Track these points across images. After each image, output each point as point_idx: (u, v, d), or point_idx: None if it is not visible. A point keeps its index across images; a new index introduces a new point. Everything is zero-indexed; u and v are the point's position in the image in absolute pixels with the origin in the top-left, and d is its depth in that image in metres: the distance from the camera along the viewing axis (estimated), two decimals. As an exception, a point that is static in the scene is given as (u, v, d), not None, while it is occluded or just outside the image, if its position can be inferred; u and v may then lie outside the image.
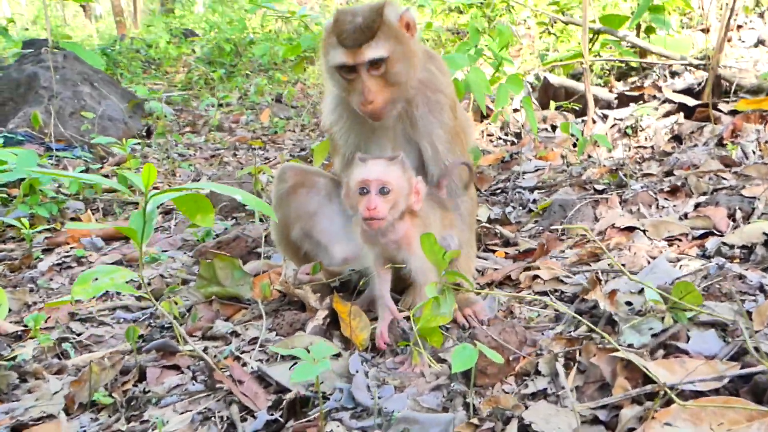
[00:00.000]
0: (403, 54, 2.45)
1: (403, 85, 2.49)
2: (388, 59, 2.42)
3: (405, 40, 2.46)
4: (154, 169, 1.80)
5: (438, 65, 2.68)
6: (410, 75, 2.49)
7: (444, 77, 2.66)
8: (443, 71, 2.68)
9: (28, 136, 5.85)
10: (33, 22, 31.59)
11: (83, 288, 1.74)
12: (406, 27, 2.48)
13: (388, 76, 2.45)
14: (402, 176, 2.20)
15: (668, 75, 5.58)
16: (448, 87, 2.65)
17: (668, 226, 2.76)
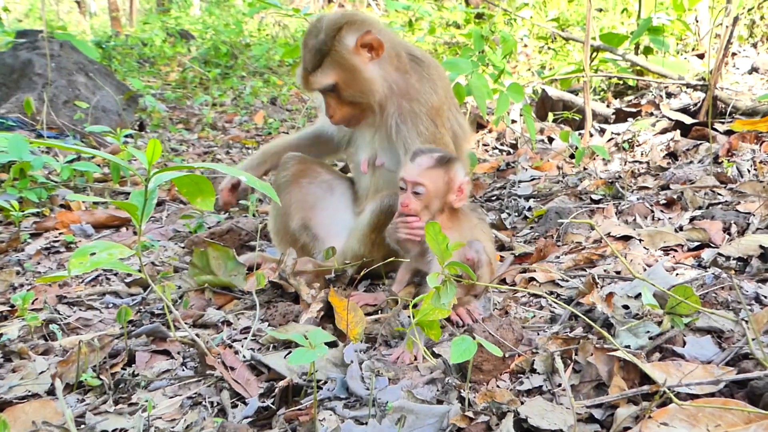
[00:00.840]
0: (354, 78, 2.54)
1: (361, 102, 2.59)
2: (337, 85, 2.54)
3: (359, 64, 2.53)
4: (159, 144, 1.78)
5: (423, 72, 2.67)
6: (370, 93, 2.57)
7: (424, 85, 2.65)
8: (427, 78, 2.66)
9: (19, 122, 5.78)
10: (26, 15, 31.43)
11: (80, 261, 1.71)
12: (368, 48, 2.55)
13: (342, 97, 2.57)
14: (441, 178, 2.30)
15: (664, 95, 5.63)
16: (427, 95, 2.64)
17: (664, 237, 2.77)
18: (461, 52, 4.19)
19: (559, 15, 11.65)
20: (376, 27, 2.64)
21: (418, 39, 8.52)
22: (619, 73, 5.89)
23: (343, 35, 2.54)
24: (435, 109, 2.65)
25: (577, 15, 12.40)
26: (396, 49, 2.67)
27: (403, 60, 2.66)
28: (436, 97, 2.66)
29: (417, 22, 12.68)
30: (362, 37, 2.53)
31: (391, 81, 2.64)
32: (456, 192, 2.35)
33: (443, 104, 2.69)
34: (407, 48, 2.74)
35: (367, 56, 2.57)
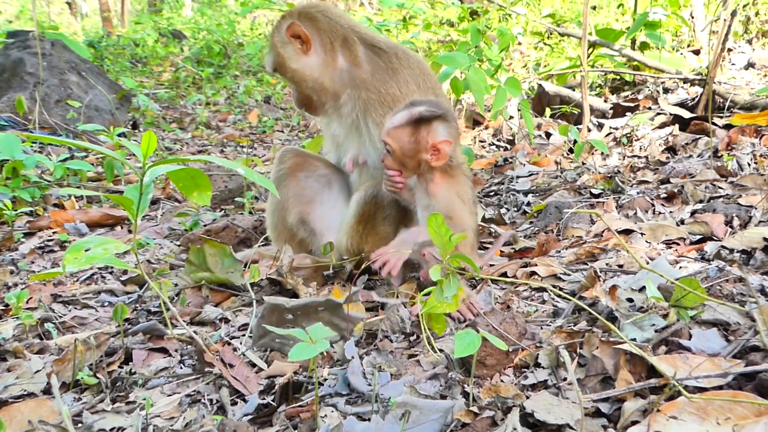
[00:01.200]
0: (283, 67, 2.71)
1: (300, 90, 2.75)
2: (279, 68, 2.74)
3: (285, 54, 2.68)
4: (155, 137, 1.75)
5: (380, 62, 2.67)
6: (301, 82, 2.72)
7: (379, 74, 2.64)
8: (385, 68, 2.65)
9: (11, 122, 5.73)
10: (17, 17, 31.29)
11: (75, 257, 1.67)
12: (296, 37, 2.66)
13: (287, 80, 2.78)
14: (407, 137, 2.29)
15: (661, 90, 5.61)
16: (381, 84, 2.64)
17: (666, 230, 2.74)
18: (458, 46, 4.16)
19: (554, 11, 11.64)
20: (321, 17, 2.69)
21: (413, 35, 8.46)
22: (616, 69, 5.87)
23: (280, 24, 2.72)
24: (393, 97, 2.62)
25: (571, 12, 12.40)
26: (347, 40, 2.69)
27: (354, 51, 2.68)
28: (395, 86, 2.63)
29: (411, 20, 12.65)
30: (289, 28, 2.65)
31: (336, 73, 2.69)
32: (430, 151, 2.30)
33: (408, 93, 2.64)
34: (369, 39, 2.72)
35: (297, 47, 2.67)
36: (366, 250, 2.66)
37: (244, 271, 2.79)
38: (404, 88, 2.63)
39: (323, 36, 2.67)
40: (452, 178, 2.39)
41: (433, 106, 2.35)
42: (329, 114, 2.81)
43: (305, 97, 2.78)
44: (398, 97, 2.61)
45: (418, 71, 2.69)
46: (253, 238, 3.43)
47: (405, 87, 2.63)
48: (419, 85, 2.66)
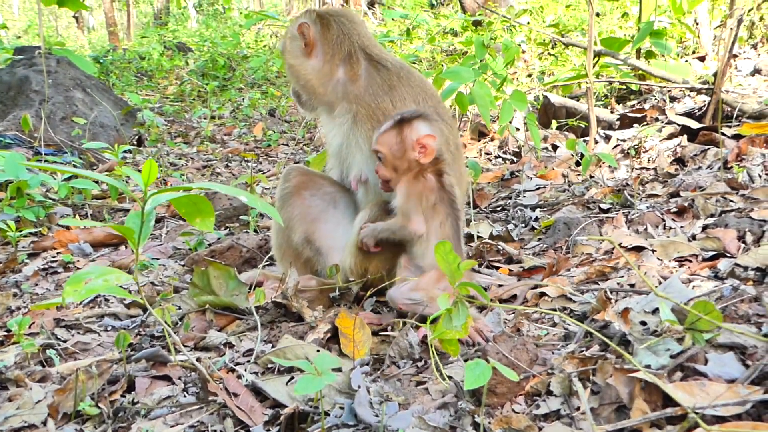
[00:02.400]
0: (289, 58, 2.79)
1: (297, 83, 2.84)
2: (283, 55, 2.85)
3: (290, 48, 2.78)
4: (155, 165, 1.71)
5: (379, 77, 2.67)
6: (294, 78, 2.82)
7: (373, 89, 2.64)
8: (380, 83, 2.65)
9: (17, 140, 5.72)
10: (25, 31, 31.48)
11: (75, 289, 1.64)
12: (303, 36, 2.72)
13: (286, 69, 2.87)
14: (393, 139, 2.38)
15: (668, 99, 5.56)
16: (376, 99, 2.63)
17: (677, 247, 2.69)
18: (462, 60, 4.13)
19: (557, 20, 11.61)
20: (335, 27, 2.72)
21: (417, 48, 8.43)
22: (622, 78, 5.82)
23: (299, 17, 2.80)
24: (383, 112, 2.61)
25: (574, 20, 12.37)
26: (351, 56, 2.69)
27: (354, 68, 2.69)
28: (387, 101, 2.62)
29: (414, 31, 12.65)
30: (300, 26, 2.71)
31: (332, 84, 2.72)
32: (417, 149, 2.37)
33: (402, 109, 2.61)
34: (375, 57, 2.71)
35: (302, 45, 2.73)
36: (371, 271, 2.62)
37: (248, 294, 2.75)
38: (399, 103, 2.61)
39: (328, 46, 2.71)
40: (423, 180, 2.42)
41: (412, 111, 2.45)
42: (325, 123, 2.87)
43: (295, 90, 2.92)
44: (390, 111, 2.59)
45: (419, 89, 2.66)
46: (258, 258, 3.39)
47: (400, 102, 2.61)
48: (418, 102, 2.64)
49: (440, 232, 2.39)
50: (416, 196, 2.41)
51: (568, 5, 13.32)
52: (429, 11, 18.17)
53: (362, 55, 2.68)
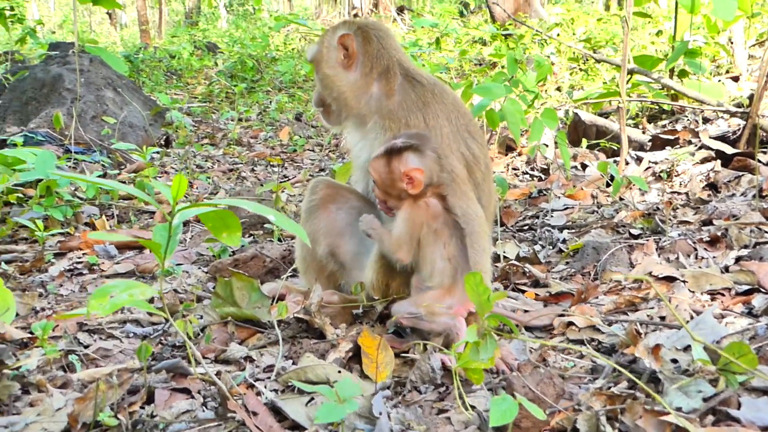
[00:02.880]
0: (320, 66, 2.74)
1: (329, 95, 2.75)
2: (315, 64, 2.76)
3: (327, 57, 2.71)
4: (185, 181, 1.70)
5: (414, 94, 2.63)
6: (328, 89, 2.74)
7: (408, 106, 2.60)
8: (415, 100, 2.61)
9: (48, 137, 5.78)
10: (60, 26, 31.97)
11: (100, 303, 1.63)
12: (344, 49, 2.66)
13: (317, 78, 2.80)
14: (383, 167, 2.39)
15: (701, 120, 5.47)
16: (410, 117, 2.58)
17: (710, 279, 2.63)
18: (493, 75, 4.09)
19: (588, 34, 11.51)
20: (375, 41, 2.68)
21: (448, 60, 8.39)
22: (654, 98, 5.74)
23: (338, 27, 2.75)
24: (417, 128, 2.57)
25: (605, 33, 12.27)
26: (389, 71, 2.66)
27: (391, 83, 2.65)
28: (421, 118, 2.59)
29: (443, 39, 12.63)
30: (342, 37, 2.65)
31: (366, 97, 2.67)
32: (404, 180, 2.36)
33: (436, 127, 2.59)
34: (411, 73, 2.69)
35: (341, 57, 2.67)
36: (393, 288, 2.59)
37: (271, 307, 2.73)
38: (432, 120, 2.57)
39: (368, 59, 2.66)
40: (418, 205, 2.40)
41: (411, 138, 2.41)
42: (352, 135, 2.83)
43: (325, 101, 2.82)
44: (422, 128, 2.55)
45: (452, 107, 2.63)
46: (281, 269, 3.37)
47: (433, 120, 2.57)
48: (450, 120, 2.60)
49: (445, 252, 2.36)
50: (417, 225, 2.38)
51: (599, 18, 13.22)
52: (458, 19, 18.16)
53: (399, 70, 2.65)
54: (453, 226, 2.38)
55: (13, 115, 6.55)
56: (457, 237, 2.38)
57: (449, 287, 2.35)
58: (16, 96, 6.71)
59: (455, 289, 2.34)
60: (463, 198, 2.48)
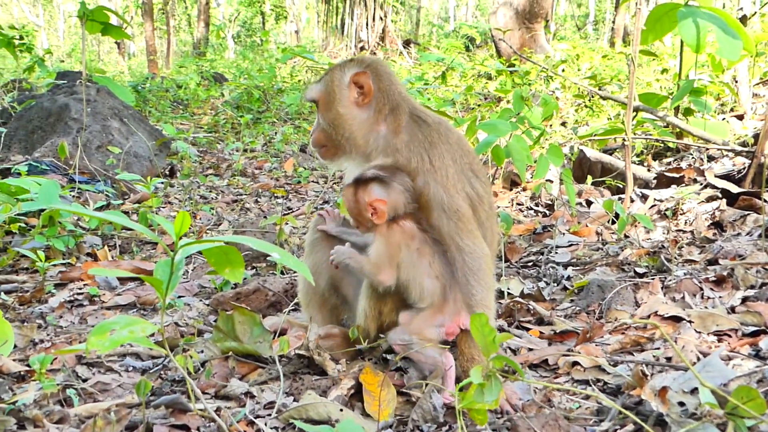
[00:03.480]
0: (330, 105, 2.64)
1: (333, 135, 2.66)
2: (318, 104, 2.68)
3: (340, 96, 2.63)
4: (189, 216, 1.69)
5: (420, 134, 2.59)
6: (340, 128, 2.64)
7: (414, 146, 2.56)
8: (421, 140, 2.57)
9: (52, 166, 5.80)
10: (68, 55, 32.37)
11: (100, 340, 1.61)
12: (359, 87, 2.61)
13: (322, 120, 2.69)
14: (351, 197, 2.50)
15: (705, 159, 5.47)
16: (414, 157, 2.55)
17: (716, 320, 2.60)
18: (499, 112, 4.10)
19: (593, 71, 11.59)
20: (385, 79, 2.65)
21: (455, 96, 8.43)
22: (659, 136, 5.75)
23: (347, 65, 2.68)
24: (422, 171, 2.54)
25: (610, 69, 12.36)
26: (397, 109, 2.63)
27: (399, 121, 2.62)
28: (427, 159, 2.55)
29: (449, 72, 12.72)
30: (357, 75, 2.60)
31: (374, 135, 2.63)
32: (369, 210, 2.45)
33: (441, 167, 2.55)
34: (416, 111, 2.67)
35: (354, 95, 2.62)
36: (385, 313, 2.57)
37: (272, 342, 2.71)
38: (437, 161, 2.55)
39: (380, 97, 2.62)
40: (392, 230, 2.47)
41: (380, 170, 2.48)
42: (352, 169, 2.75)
43: (331, 140, 2.70)
44: (428, 170, 2.53)
45: (456, 146, 2.62)
46: (284, 302, 3.35)
47: (439, 160, 2.56)
48: (455, 159, 2.59)
49: (431, 270, 2.41)
50: (394, 247, 2.43)
51: (604, 55, 13.32)
52: (464, 54, 18.33)
53: (407, 108, 2.65)
54: (433, 243, 2.44)
55: (18, 144, 6.59)
56: (440, 253, 2.43)
57: (440, 305, 2.40)
58: (22, 125, 6.76)
59: (446, 306, 2.39)
60: (470, 236, 2.46)
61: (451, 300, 2.40)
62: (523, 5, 13.95)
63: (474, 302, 2.40)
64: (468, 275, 2.44)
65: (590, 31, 33.70)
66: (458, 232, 2.45)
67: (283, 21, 32.74)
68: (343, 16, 22.92)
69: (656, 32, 4.43)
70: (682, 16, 4.04)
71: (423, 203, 2.50)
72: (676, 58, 9.54)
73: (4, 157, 6.12)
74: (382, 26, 22.46)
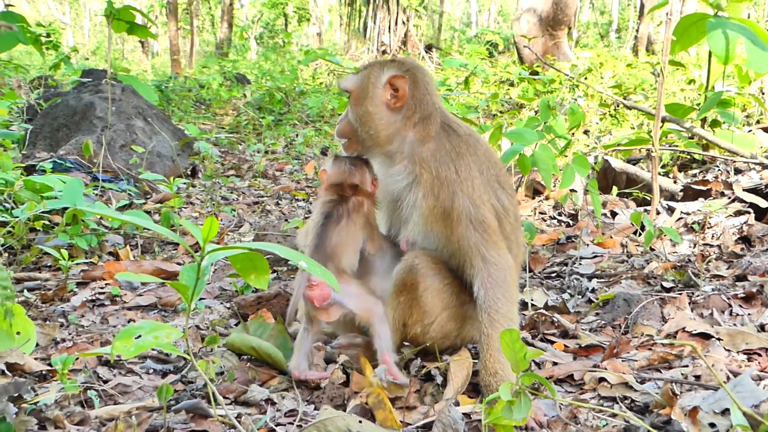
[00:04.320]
0: (362, 100, 2.61)
1: (359, 131, 2.63)
2: (351, 95, 2.65)
3: (374, 95, 2.58)
4: (216, 223, 1.67)
5: (448, 143, 2.56)
6: (367, 126, 2.59)
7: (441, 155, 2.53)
8: (449, 150, 2.55)
9: (76, 164, 5.83)
10: (93, 53, 32.70)
11: (125, 344, 1.60)
12: (394, 90, 2.57)
13: (351, 112, 2.66)
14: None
15: (732, 171, 5.39)
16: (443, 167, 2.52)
17: (746, 338, 2.55)
18: (526, 120, 4.05)
19: (617, 80, 11.49)
20: (422, 86, 2.61)
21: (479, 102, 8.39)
22: (686, 147, 5.67)
23: (387, 65, 2.64)
24: (448, 181, 2.51)
25: (634, 78, 12.23)
26: (429, 118, 2.59)
27: (428, 130, 2.57)
28: (453, 170, 2.52)
29: (471, 78, 12.67)
30: (394, 77, 2.55)
31: (400, 140, 2.60)
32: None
33: (467, 178, 2.53)
34: (449, 121, 2.63)
35: (387, 97, 2.57)
36: (409, 323, 2.54)
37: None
38: (464, 172, 2.52)
39: (412, 104, 2.58)
40: None
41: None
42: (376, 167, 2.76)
43: (355, 135, 2.67)
44: (454, 180, 2.50)
45: (484, 158, 2.59)
46: (304, 308, 3.33)
47: (465, 171, 2.52)
48: (482, 171, 2.56)
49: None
50: None
51: (629, 64, 13.21)
52: (486, 59, 18.27)
53: (438, 119, 2.61)
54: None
55: (43, 141, 6.63)
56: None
57: None
58: (48, 122, 6.80)
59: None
60: (495, 248, 2.43)
61: None
62: (547, 12, 13.88)
63: (499, 315, 2.37)
64: (493, 287, 2.41)
65: (613, 38, 33.48)
66: (484, 244, 2.43)
67: (305, 23, 32.82)
68: (365, 19, 22.95)
69: (683, 42, 4.38)
70: (711, 26, 3.98)
71: (449, 214, 2.46)
72: (701, 68, 9.42)
73: (29, 154, 6.17)
74: (404, 30, 22.47)
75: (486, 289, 2.41)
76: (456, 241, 2.47)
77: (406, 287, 2.53)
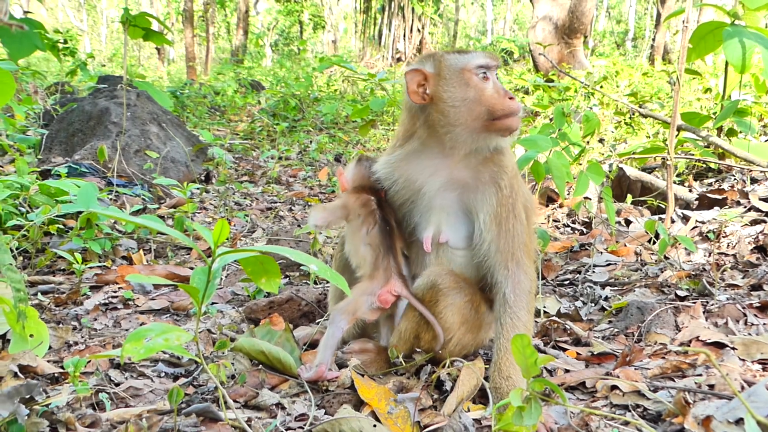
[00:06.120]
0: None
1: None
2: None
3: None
4: (227, 226, 1.68)
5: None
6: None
7: (506, 161, 2.56)
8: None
9: (91, 169, 5.88)
10: (110, 59, 32.97)
11: (135, 347, 1.60)
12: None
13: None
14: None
15: (748, 180, 5.35)
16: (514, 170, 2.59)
17: (761, 348, 2.52)
18: (540, 127, 4.04)
19: (632, 88, 11.43)
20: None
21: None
22: (702, 156, 5.63)
23: (439, 57, 2.56)
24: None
25: (650, 87, 12.17)
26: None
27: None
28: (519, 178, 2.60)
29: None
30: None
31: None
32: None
33: (523, 185, 2.60)
34: None
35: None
36: (423, 339, 2.53)
37: (302, 354, 2.70)
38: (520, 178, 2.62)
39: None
40: None
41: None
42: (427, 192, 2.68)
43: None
44: (520, 185, 2.60)
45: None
46: (316, 313, 3.34)
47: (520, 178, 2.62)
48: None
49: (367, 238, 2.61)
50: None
51: (645, 73, 13.14)
52: (502, 67, 18.24)
53: None
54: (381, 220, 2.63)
55: (59, 146, 6.69)
56: (381, 226, 2.61)
57: (371, 274, 2.57)
58: (64, 127, 6.87)
59: (376, 274, 2.56)
60: (528, 256, 2.52)
61: (382, 268, 2.55)
62: (562, 20, 13.84)
63: (521, 323, 2.38)
64: (521, 294, 2.42)
65: (629, 47, 33.37)
66: (522, 248, 2.47)
67: (320, 30, 32.99)
68: (380, 26, 23.03)
69: (700, 51, 4.34)
70: (727, 35, 3.95)
71: (507, 217, 2.48)
72: (717, 77, 9.36)
73: (45, 159, 6.23)
74: (419, 38, 22.52)
75: (516, 296, 2.42)
76: (501, 242, 2.46)
77: (425, 303, 2.52)
